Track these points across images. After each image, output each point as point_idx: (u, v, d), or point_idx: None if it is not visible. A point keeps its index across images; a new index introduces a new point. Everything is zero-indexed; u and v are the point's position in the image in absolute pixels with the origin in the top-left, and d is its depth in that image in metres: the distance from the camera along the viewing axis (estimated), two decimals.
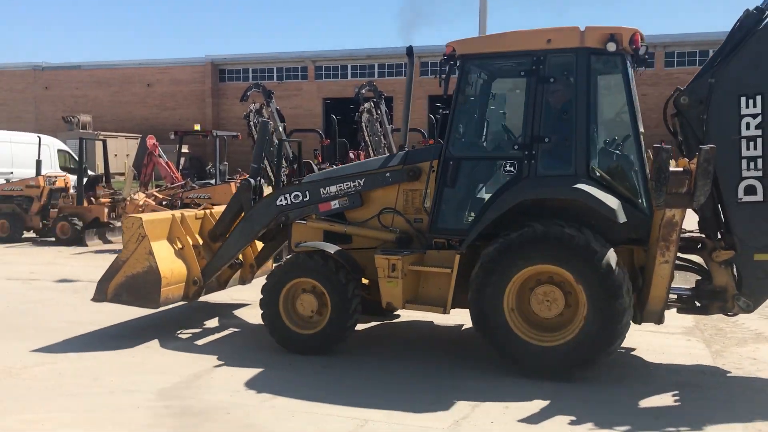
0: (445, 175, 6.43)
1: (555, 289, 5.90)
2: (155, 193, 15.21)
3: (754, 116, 5.74)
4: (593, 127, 6.16)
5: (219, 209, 8.12)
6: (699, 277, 6.33)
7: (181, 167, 18.49)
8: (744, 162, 5.79)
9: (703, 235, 6.25)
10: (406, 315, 7.84)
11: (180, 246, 7.48)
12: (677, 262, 6.01)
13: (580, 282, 5.73)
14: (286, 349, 6.66)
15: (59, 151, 22.09)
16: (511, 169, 6.24)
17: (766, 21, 5.76)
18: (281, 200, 7.19)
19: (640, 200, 6.13)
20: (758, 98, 5.72)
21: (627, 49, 5.99)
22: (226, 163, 17.75)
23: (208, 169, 19.34)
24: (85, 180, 15.80)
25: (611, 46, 5.96)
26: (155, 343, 7.08)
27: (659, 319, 6.04)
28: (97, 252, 14.14)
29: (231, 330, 7.74)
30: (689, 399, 5.57)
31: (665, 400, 5.55)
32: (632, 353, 6.78)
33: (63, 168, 21.25)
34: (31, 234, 16.19)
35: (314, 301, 6.59)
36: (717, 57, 6.03)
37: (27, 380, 5.90)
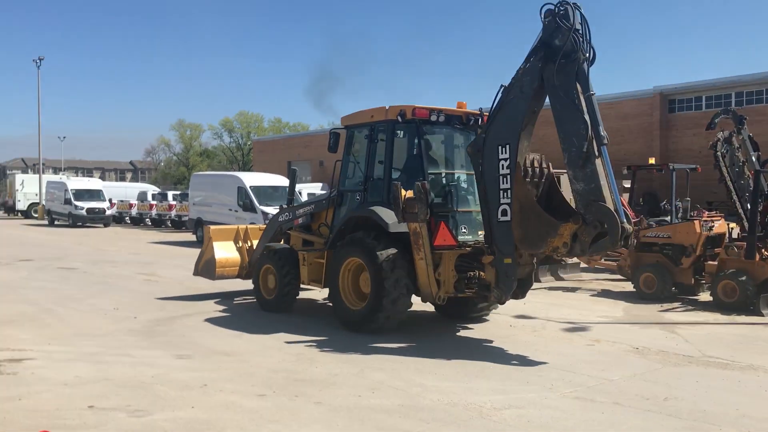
0: (336, 202, 10.51)
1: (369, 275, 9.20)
2: None
3: (505, 160, 8.37)
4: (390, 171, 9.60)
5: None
6: None
7: (635, 203, 17.53)
8: (501, 192, 8.41)
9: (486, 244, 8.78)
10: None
11: (239, 246, 12.36)
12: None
13: (368, 268, 9.12)
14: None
15: None
16: (359, 198, 10.07)
17: (511, 97, 8.44)
18: (281, 218, 11.75)
19: None
20: (507, 146, 8.38)
21: (412, 117, 9.48)
22: (688, 199, 16.14)
23: (662, 205, 17.92)
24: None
25: (399, 118, 9.48)
26: None
27: (434, 300, 9.12)
28: (550, 289, 14.09)
29: None
30: None
31: None
32: None
33: None
34: None
35: (272, 278, 11.03)
36: (489, 119, 8.71)
37: (496, 422, 5.73)
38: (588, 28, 8.05)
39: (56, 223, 39.24)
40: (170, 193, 39.33)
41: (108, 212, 37.49)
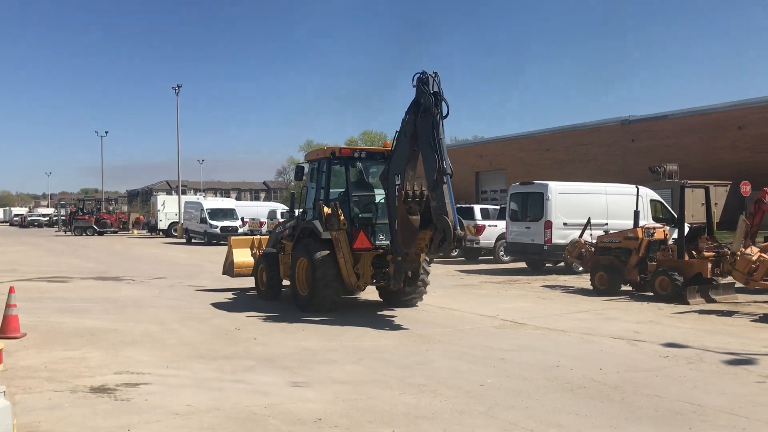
0: (301, 218, 13.88)
1: None
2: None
3: (399, 185, 11.48)
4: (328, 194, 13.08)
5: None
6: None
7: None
8: (396, 209, 11.56)
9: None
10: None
11: (253, 252, 15.68)
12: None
13: (310, 264, 12.41)
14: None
15: (651, 200, 21.46)
16: (311, 214, 13.50)
17: (400, 140, 11.67)
18: (278, 230, 15.13)
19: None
20: (399, 175, 11.53)
21: (341, 155, 13.05)
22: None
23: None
24: (686, 232, 14.48)
25: (332, 155, 13.10)
26: None
27: (353, 288, 12.85)
28: (701, 312, 12.56)
29: None
30: None
31: None
32: None
33: (654, 218, 20.46)
34: (628, 287, 15.63)
35: (264, 274, 14.57)
36: (389, 156, 12.20)
37: None
38: (440, 91, 10.90)
39: (193, 241, 40.98)
40: (296, 211, 40.04)
41: (240, 230, 38.65)
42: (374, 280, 12.72)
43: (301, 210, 14.13)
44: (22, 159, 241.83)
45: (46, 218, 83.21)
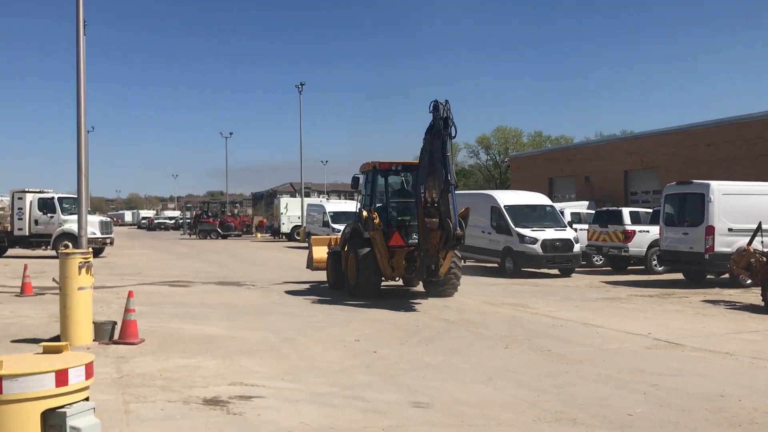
0: (356, 221, 17.85)
1: None
2: None
3: (423, 193, 15.28)
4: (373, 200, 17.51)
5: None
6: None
7: None
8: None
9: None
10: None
11: (329, 250, 19.34)
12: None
13: (354, 258, 16.42)
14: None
15: None
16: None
17: (423, 156, 15.38)
18: (346, 231, 18.37)
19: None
20: (423, 186, 15.22)
21: (381, 168, 17.32)
22: None
23: None
24: None
25: (374, 168, 17.37)
26: None
27: (390, 278, 16.69)
28: None
29: None
30: None
31: None
32: None
33: None
34: None
35: (332, 268, 18.65)
36: (417, 169, 16.10)
37: None
38: (450, 116, 14.37)
39: None
40: None
41: None
42: (406, 272, 16.54)
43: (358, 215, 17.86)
44: (150, 161, 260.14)
45: (172, 221, 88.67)
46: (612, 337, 11.29)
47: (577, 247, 22.50)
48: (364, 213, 16.34)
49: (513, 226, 22.65)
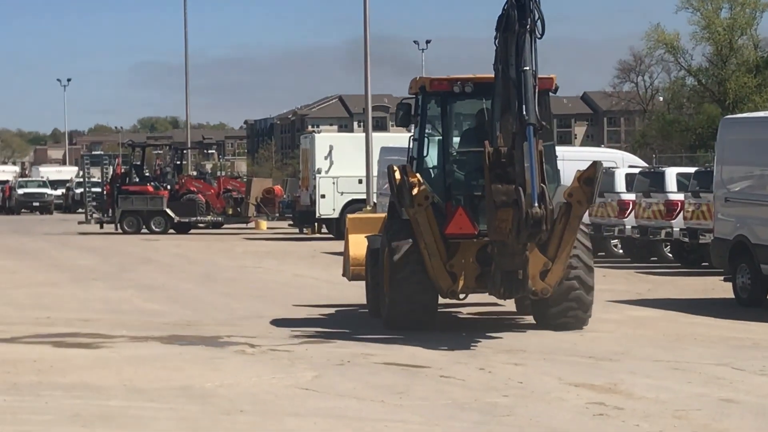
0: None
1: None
2: None
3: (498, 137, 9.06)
4: (422, 149, 10.17)
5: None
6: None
7: None
8: None
9: None
10: None
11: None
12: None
13: (388, 258, 9.69)
14: None
15: None
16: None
17: (495, 72, 8.98)
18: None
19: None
20: (498, 124, 9.01)
21: (432, 90, 9.99)
22: None
23: None
24: None
25: (422, 90, 10.16)
26: None
27: (446, 295, 9.63)
28: None
29: None
30: None
31: None
32: None
33: None
34: None
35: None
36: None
37: None
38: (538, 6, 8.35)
39: None
40: None
41: None
42: (478, 284, 9.45)
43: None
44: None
45: (61, 190, 74.64)
46: None
47: None
48: (397, 174, 9.25)
49: None
